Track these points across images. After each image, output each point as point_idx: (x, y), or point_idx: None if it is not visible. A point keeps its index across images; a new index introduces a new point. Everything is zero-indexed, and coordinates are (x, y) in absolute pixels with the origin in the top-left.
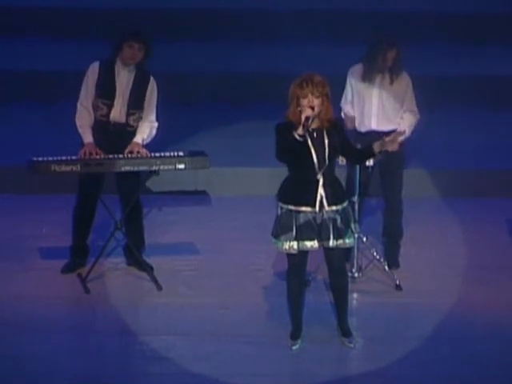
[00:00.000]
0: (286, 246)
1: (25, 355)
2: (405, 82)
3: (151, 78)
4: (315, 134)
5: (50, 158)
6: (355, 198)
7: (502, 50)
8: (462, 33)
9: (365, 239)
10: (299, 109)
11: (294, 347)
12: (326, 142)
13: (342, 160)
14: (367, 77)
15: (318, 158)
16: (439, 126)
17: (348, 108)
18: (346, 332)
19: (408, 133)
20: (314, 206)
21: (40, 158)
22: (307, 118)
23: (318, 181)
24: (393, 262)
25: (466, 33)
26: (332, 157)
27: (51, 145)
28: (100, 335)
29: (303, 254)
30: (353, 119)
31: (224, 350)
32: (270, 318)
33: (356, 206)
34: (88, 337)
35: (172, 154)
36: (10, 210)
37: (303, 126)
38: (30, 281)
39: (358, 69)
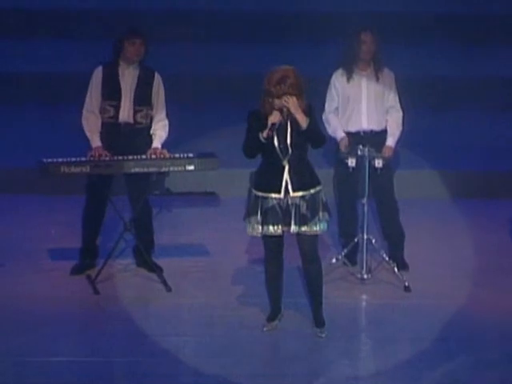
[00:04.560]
0: (250, 229)
1: (33, 356)
2: (389, 78)
3: (156, 74)
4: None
5: (60, 160)
6: (364, 200)
7: (502, 50)
8: (461, 33)
9: (374, 241)
10: (271, 100)
11: (265, 328)
12: (290, 130)
13: (351, 161)
14: (350, 73)
15: (279, 147)
16: (447, 128)
17: (332, 118)
18: (319, 322)
19: (398, 134)
20: (279, 192)
21: (50, 160)
22: (273, 125)
23: (283, 167)
24: (401, 265)
25: (465, 33)
26: (296, 145)
27: (58, 146)
28: (109, 336)
29: (277, 239)
30: (346, 142)
31: (233, 351)
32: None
33: (365, 208)
34: (97, 337)
35: (182, 155)
36: (19, 210)
37: (268, 132)
38: (39, 282)
39: (340, 73)
